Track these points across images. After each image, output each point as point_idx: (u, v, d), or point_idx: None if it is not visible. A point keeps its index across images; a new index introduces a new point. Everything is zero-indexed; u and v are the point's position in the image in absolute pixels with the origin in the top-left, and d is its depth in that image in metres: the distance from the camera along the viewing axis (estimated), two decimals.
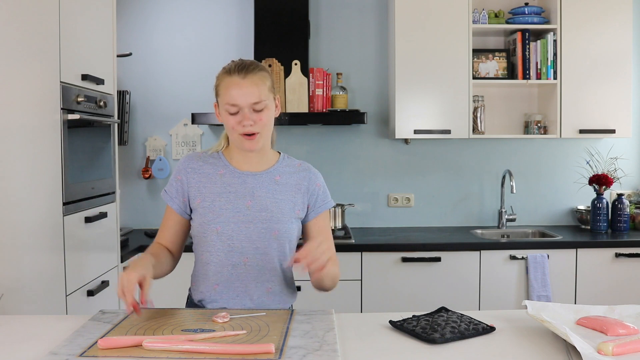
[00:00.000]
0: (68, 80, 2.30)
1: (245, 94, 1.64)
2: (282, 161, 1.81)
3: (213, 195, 1.71)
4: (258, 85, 1.66)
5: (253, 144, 1.68)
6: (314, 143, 3.71)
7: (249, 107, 1.65)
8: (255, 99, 1.65)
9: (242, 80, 1.65)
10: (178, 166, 1.77)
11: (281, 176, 1.77)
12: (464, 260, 3.14)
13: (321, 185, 1.81)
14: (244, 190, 1.72)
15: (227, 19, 3.68)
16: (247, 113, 1.65)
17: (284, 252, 1.74)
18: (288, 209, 1.73)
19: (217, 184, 1.73)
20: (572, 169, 3.71)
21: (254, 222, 1.69)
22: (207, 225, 1.70)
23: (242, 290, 1.72)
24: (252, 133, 1.67)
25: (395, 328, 1.51)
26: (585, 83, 3.40)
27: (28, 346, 1.39)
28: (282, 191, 1.75)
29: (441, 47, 3.37)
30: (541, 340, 1.42)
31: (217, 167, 1.75)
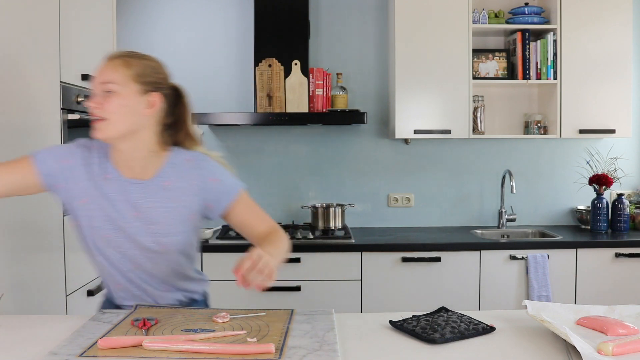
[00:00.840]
0: (68, 80, 2.30)
1: (99, 73, 1.55)
2: (170, 162, 1.65)
3: (100, 199, 1.59)
4: (118, 68, 1.55)
5: (97, 130, 1.54)
6: (314, 143, 3.71)
7: (99, 88, 1.54)
8: (105, 78, 1.53)
9: (107, 62, 1.57)
10: (70, 149, 1.63)
11: (170, 181, 1.63)
12: (464, 260, 3.13)
13: (217, 178, 1.66)
14: (130, 201, 1.60)
15: (227, 19, 3.68)
16: (97, 95, 1.54)
17: (176, 261, 1.68)
18: (180, 218, 1.63)
19: (105, 189, 1.60)
20: (572, 169, 3.71)
21: (142, 234, 1.60)
22: (96, 231, 1.60)
23: (142, 290, 1.68)
24: (99, 118, 1.53)
25: (395, 328, 1.51)
26: (585, 83, 3.40)
27: (28, 346, 1.39)
28: (173, 197, 1.62)
29: (441, 47, 3.37)
30: (541, 340, 1.42)
31: (104, 170, 1.62)
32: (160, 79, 1.64)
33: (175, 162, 1.65)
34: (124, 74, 1.55)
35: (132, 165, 1.62)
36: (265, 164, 3.70)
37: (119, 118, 1.54)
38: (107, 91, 1.53)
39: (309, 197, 3.71)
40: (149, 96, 1.59)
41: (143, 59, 1.60)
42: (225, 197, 1.67)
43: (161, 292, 1.71)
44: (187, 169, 1.65)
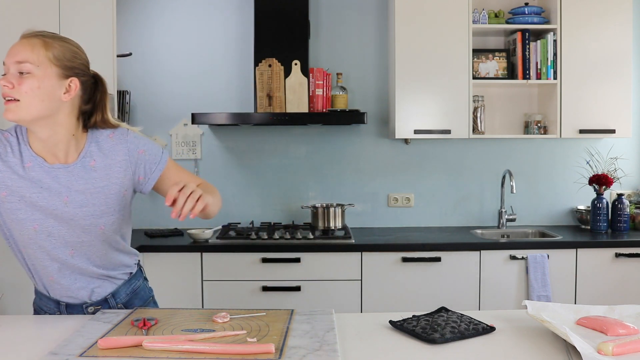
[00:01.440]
0: None
1: (13, 51, 1.47)
2: (92, 140, 1.61)
3: (22, 190, 1.53)
4: (35, 48, 1.47)
5: (8, 112, 1.46)
6: (314, 143, 3.71)
7: (13, 67, 1.47)
8: (21, 57, 1.46)
9: (22, 39, 1.50)
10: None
11: (96, 159, 1.59)
12: (464, 260, 3.13)
13: (145, 149, 1.65)
14: (59, 187, 1.55)
15: (227, 19, 3.68)
16: (11, 76, 1.47)
17: (114, 239, 1.67)
18: (114, 197, 1.61)
19: (26, 178, 1.53)
20: (572, 169, 3.71)
21: (74, 218, 1.57)
22: (21, 223, 1.55)
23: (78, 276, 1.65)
24: (11, 99, 1.46)
25: (395, 328, 1.51)
26: (585, 83, 3.40)
27: (28, 346, 1.39)
28: (102, 177, 1.59)
29: (441, 47, 3.37)
30: (541, 340, 1.42)
31: (22, 158, 1.55)
32: (80, 64, 1.57)
33: (98, 141, 1.62)
34: (42, 54, 1.48)
35: (54, 151, 1.57)
36: (265, 164, 3.70)
37: (32, 100, 1.47)
38: (22, 72, 1.46)
39: (309, 197, 3.72)
40: (67, 81, 1.53)
41: (64, 42, 1.54)
42: (156, 167, 1.68)
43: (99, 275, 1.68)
44: (112, 145, 1.62)
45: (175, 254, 3.07)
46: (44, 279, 1.66)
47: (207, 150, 3.69)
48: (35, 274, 1.67)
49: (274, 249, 3.08)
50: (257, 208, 3.70)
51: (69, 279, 1.66)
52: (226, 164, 3.70)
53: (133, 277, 1.80)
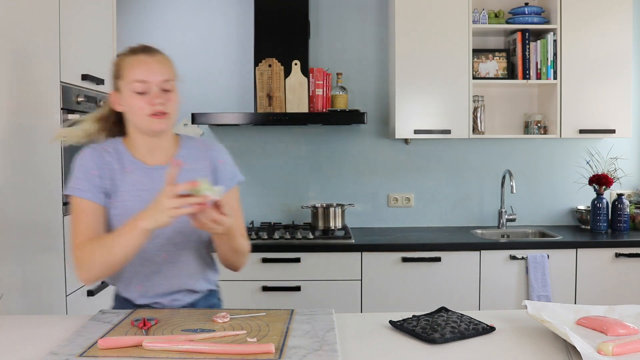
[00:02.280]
0: (68, 80, 2.30)
1: (155, 72, 1.59)
2: (184, 145, 1.73)
3: (125, 194, 1.62)
4: (166, 64, 1.63)
5: (163, 123, 1.60)
6: (314, 143, 3.71)
7: (158, 86, 1.59)
8: (166, 76, 1.60)
9: (150, 58, 1.61)
10: (84, 161, 1.63)
11: (188, 163, 1.68)
12: (464, 260, 3.13)
13: (224, 161, 1.75)
14: (157, 187, 1.59)
15: (227, 19, 3.68)
16: (157, 92, 1.59)
17: (204, 243, 1.72)
18: None
19: (128, 182, 1.63)
20: (572, 169, 3.71)
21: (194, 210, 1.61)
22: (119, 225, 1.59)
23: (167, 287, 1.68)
24: (163, 112, 1.59)
25: (395, 328, 1.51)
26: (585, 83, 3.40)
27: (28, 346, 1.39)
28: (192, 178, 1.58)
29: (441, 47, 3.37)
30: (541, 340, 1.42)
31: (123, 163, 1.65)
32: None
33: (189, 146, 1.73)
34: (173, 70, 1.65)
35: (156, 153, 1.67)
36: (265, 164, 3.70)
37: (175, 112, 1.64)
38: (166, 89, 1.60)
39: (309, 197, 3.72)
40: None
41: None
42: (227, 182, 1.72)
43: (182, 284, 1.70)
44: (200, 151, 1.73)
45: None
46: (133, 283, 1.69)
47: None
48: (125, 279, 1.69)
49: (274, 249, 3.08)
50: (257, 208, 3.70)
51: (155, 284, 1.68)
52: None
53: (210, 295, 1.80)
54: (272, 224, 3.60)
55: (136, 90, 1.58)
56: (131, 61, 1.61)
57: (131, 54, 1.63)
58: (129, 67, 1.60)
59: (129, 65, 1.61)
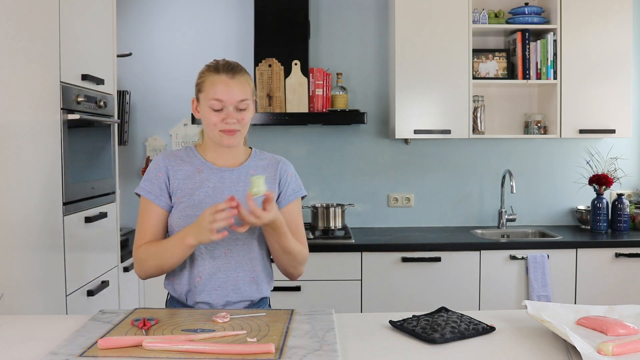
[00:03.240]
0: (68, 80, 2.30)
1: (232, 93, 1.70)
2: (255, 156, 1.85)
3: (192, 190, 1.75)
4: (244, 85, 1.73)
5: (233, 140, 1.73)
6: (314, 143, 3.71)
7: (233, 106, 1.70)
8: (242, 97, 1.71)
9: (230, 79, 1.71)
10: (156, 164, 1.79)
11: (256, 170, 1.81)
12: (464, 260, 3.14)
13: (292, 174, 1.86)
14: (223, 185, 1.76)
15: (227, 19, 3.68)
16: (231, 111, 1.70)
17: (262, 244, 1.79)
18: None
19: (196, 180, 1.76)
20: (572, 169, 3.71)
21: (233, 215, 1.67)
22: (188, 219, 1.71)
23: (224, 280, 1.73)
24: (234, 130, 1.72)
25: (395, 328, 1.51)
26: (585, 83, 3.40)
27: (28, 346, 1.39)
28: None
29: (441, 47, 3.37)
30: (541, 340, 1.42)
31: (194, 165, 1.79)
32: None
33: (259, 157, 1.85)
34: (249, 90, 1.75)
35: (226, 157, 1.80)
36: None
37: (245, 128, 1.76)
38: (241, 108, 1.72)
39: (309, 197, 3.72)
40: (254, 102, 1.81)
41: (247, 72, 1.78)
42: (293, 194, 1.84)
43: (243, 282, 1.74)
44: (270, 163, 1.85)
45: None
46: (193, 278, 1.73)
47: None
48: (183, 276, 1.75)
49: None
50: None
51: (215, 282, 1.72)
52: None
53: (261, 302, 1.82)
54: None
55: (213, 108, 1.71)
56: (213, 79, 1.72)
57: (214, 72, 1.73)
58: (210, 84, 1.72)
59: (210, 82, 1.72)
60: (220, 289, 1.73)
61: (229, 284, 1.73)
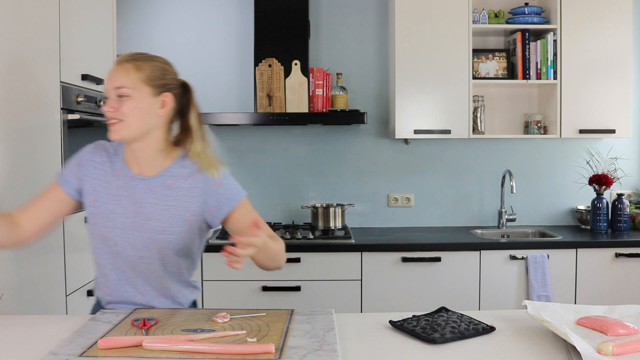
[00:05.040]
0: (68, 80, 2.30)
1: (111, 78, 1.61)
2: (177, 163, 1.67)
3: (105, 196, 1.65)
4: (129, 72, 1.60)
5: (115, 131, 1.60)
6: (314, 143, 3.71)
7: (113, 92, 1.61)
8: (118, 83, 1.59)
9: (116, 65, 1.63)
10: (82, 154, 1.71)
11: (174, 180, 1.65)
12: (464, 260, 3.13)
13: (221, 183, 1.67)
14: (134, 196, 1.64)
15: (227, 19, 3.68)
16: (112, 99, 1.61)
17: (172, 263, 1.68)
18: (178, 218, 1.64)
19: (112, 186, 1.65)
20: (572, 169, 3.71)
21: (139, 230, 1.63)
22: (94, 228, 1.66)
23: (133, 292, 1.69)
24: (114, 120, 1.60)
25: (395, 328, 1.51)
26: (585, 83, 3.40)
27: (28, 346, 1.39)
28: (174, 197, 1.64)
29: (441, 47, 3.37)
30: (541, 340, 1.42)
31: (115, 166, 1.68)
32: (170, 79, 1.67)
33: (181, 164, 1.67)
34: (135, 77, 1.60)
35: (141, 162, 1.66)
36: (265, 164, 3.70)
37: (133, 120, 1.60)
38: (121, 95, 1.59)
39: (309, 197, 3.72)
40: (161, 97, 1.64)
41: (152, 61, 1.64)
42: (227, 203, 1.68)
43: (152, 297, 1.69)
44: (193, 172, 1.66)
45: None
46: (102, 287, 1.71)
47: None
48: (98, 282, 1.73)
49: None
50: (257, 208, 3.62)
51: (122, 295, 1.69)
52: (226, 164, 3.69)
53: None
54: (272, 224, 3.60)
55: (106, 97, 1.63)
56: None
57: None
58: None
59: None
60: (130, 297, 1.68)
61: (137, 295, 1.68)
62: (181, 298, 1.75)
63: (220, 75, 3.68)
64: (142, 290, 1.69)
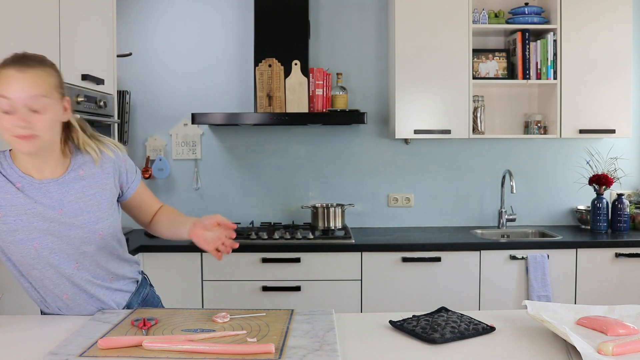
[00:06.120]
0: (68, 80, 2.29)
1: (21, 89, 1.42)
2: (76, 155, 1.63)
3: (17, 210, 1.53)
4: (39, 80, 1.45)
5: (30, 145, 1.47)
6: (314, 143, 3.71)
7: (24, 105, 1.43)
8: (34, 93, 1.43)
9: (19, 73, 1.43)
10: None
11: (84, 169, 1.61)
12: (464, 260, 3.13)
13: (125, 159, 1.71)
14: (51, 201, 1.56)
15: (227, 19, 3.68)
16: (23, 113, 1.43)
17: (112, 247, 1.69)
18: (105, 202, 1.63)
19: (19, 198, 1.54)
20: (572, 169, 3.71)
21: (72, 228, 1.58)
22: (20, 244, 1.54)
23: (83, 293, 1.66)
24: (29, 135, 1.45)
25: (395, 328, 1.51)
26: (585, 83, 3.40)
27: (28, 346, 1.39)
28: (92, 185, 1.62)
29: (441, 47, 3.37)
30: (541, 340, 1.42)
31: (12, 178, 1.55)
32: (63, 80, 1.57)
33: (82, 154, 1.64)
34: (50, 84, 1.48)
35: (43, 167, 1.57)
36: (265, 164, 3.70)
37: (47, 132, 1.49)
38: (35, 109, 1.45)
39: (309, 197, 3.72)
40: (63, 101, 1.55)
41: (51, 65, 1.52)
42: (134, 177, 1.75)
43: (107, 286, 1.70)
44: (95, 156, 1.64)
45: (175, 254, 3.07)
46: (58, 299, 1.66)
47: (207, 150, 3.69)
48: (47, 296, 1.66)
49: (274, 249, 3.08)
50: (257, 208, 3.70)
51: (82, 295, 1.67)
52: (226, 164, 3.70)
53: (140, 286, 1.83)
54: (272, 224, 3.60)
55: (2, 109, 1.43)
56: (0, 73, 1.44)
57: (1, 67, 1.45)
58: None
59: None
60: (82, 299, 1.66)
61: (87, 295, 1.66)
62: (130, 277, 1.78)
63: (220, 75, 3.68)
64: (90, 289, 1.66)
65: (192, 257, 3.08)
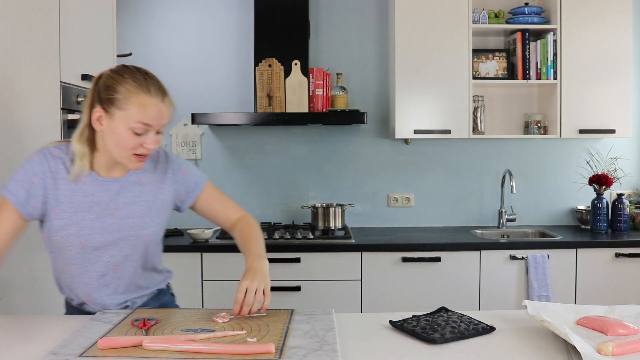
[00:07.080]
0: (68, 80, 2.30)
1: (161, 118, 1.56)
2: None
3: (74, 205, 1.58)
4: (170, 108, 1.60)
5: (144, 162, 1.60)
6: (314, 143, 3.71)
7: (155, 128, 1.56)
8: (165, 121, 1.58)
9: (162, 103, 1.55)
10: (32, 166, 1.57)
11: (144, 176, 1.68)
12: (464, 260, 3.13)
13: (186, 170, 1.75)
14: (108, 198, 1.61)
15: (227, 18, 3.68)
16: (152, 135, 1.55)
17: (152, 253, 1.73)
18: (156, 209, 1.69)
19: (78, 193, 1.59)
20: (572, 169, 3.71)
21: (120, 230, 1.63)
22: (69, 238, 1.59)
23: (113, 291, 1.69)
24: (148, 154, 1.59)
25: (395, 328, 1.51)
26: (585, 83, 3.40)
27: (28, 346, 1.39)
28: (148, 191, 1.68)
29: (441, 47, 3.37)
30: (541, 340, 1.42)
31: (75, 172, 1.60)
32: None
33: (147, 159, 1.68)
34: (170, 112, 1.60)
35: (113, 168, 1.64)
36: (265, 164, 3.70)
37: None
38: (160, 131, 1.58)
39: (309, 197, 3.72)
40: None
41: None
42: (195, 187, 1.77)
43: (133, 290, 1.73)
44: (158, 163, 1.72)
45: (175, 253, 3.07)
46: (81, 295, 1.69)
47: (207, 150, 3.69)
48: (71, 292, 1.70)
49: (274, 249, 3.08)
50: (257, 208, 3.70)
51: (105, 295, 1.68)
52: (226, 164, 3.70)
53: (161, 293, 1.84)
54: (272, 224, 3.60)
55: (136, 131, 1.52)
56: (143, 101, 1.51)
57: (145, 93, 1.52)
58: (138, 105, 1.51)
59: (139, 104, 1.51)
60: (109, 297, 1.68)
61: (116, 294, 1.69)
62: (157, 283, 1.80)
63: (220, 75, 3.68)
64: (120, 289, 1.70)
65: (192, 257, 3.08)
